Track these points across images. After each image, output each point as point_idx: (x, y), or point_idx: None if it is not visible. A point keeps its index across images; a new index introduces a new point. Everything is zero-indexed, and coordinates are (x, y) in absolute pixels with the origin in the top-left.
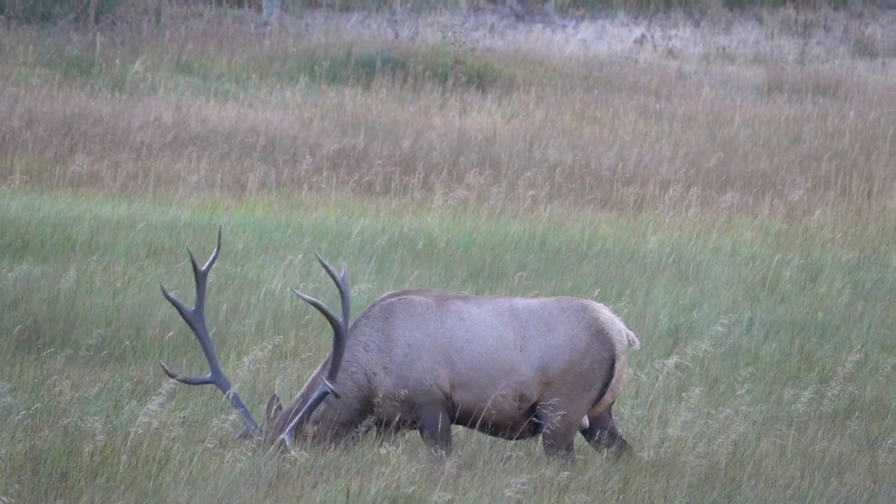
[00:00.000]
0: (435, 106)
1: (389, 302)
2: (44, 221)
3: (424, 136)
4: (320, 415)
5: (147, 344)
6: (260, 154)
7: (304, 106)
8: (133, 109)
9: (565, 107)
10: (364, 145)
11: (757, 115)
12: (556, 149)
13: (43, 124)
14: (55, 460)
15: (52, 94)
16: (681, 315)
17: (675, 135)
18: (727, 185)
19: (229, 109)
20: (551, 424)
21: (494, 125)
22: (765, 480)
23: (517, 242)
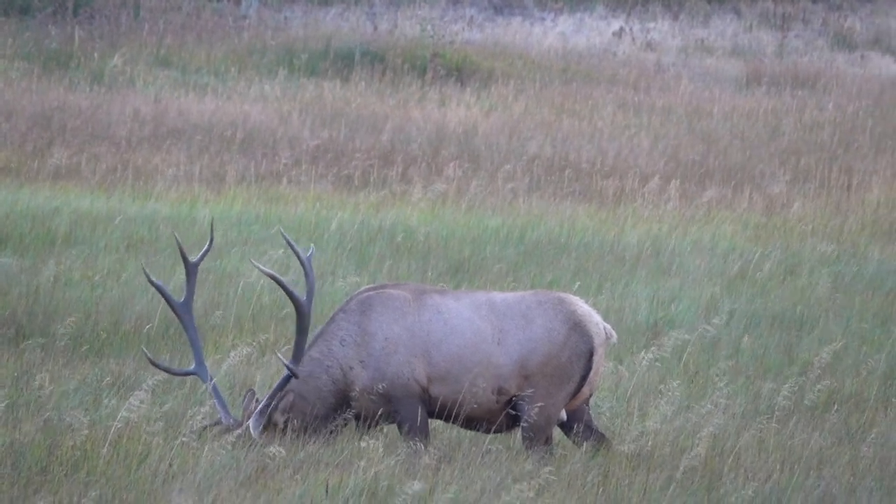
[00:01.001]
0: (414, 99)
1: (367, 296)
2: (23, 215)
3: (403, 130)
4: (290, 406)
5: (126, 337)
6: (239, 147)
7: (282, 99)
8: (112, 103)
9: (544, 99)
10: (343, 138)
11: (736, 108)
12: (535, 142)
13: (21, 117)
14: (35, 454)
15: (31, 87)
16: (660, 308)
17: (654, 128)
18: (706, 178)
19: (208, 102)
20: (529, 417)
21: (473, 118)
22: (744, 474)
23: (496, 235)
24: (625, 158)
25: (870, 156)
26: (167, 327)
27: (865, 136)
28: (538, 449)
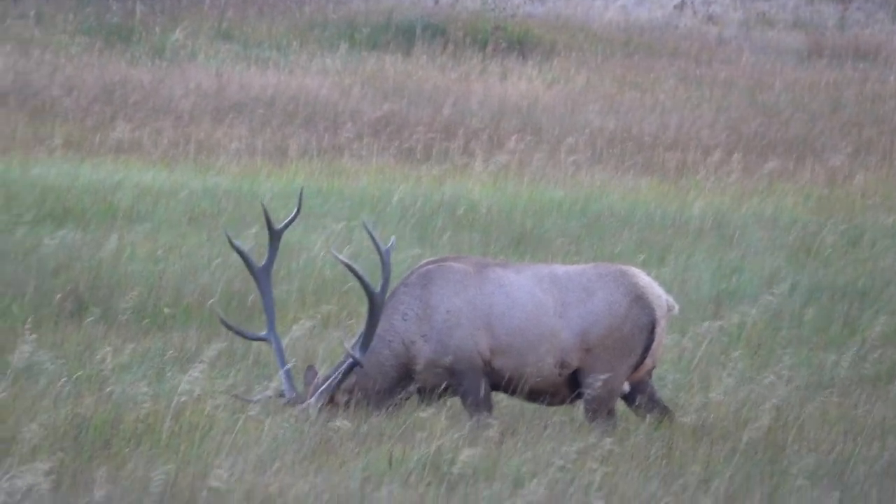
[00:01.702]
0: (475, 72)
1: (428, 269)
2: (85, 189)
3: (465, 103)
4: (352, 385)
5: (188, 311)
6: (301, 121)
7: (344, 73)
8: (173, 77)
9: (606, 72)
10: (405, 112)
11: (797, 81)
12: (597, 114)
13: (83, 92)
14: (98, 428)
15: (93, 62)
16: (723, 280)
17: (716, 100)
18: (768, 151)
19: (270, 76)
20: (592, 390)
21: (535, 91)
22: (807, 445)
23: (558, 208)
24: (686, 131)
25: None
26: (229, 301)
27: None
28: (601, 421)
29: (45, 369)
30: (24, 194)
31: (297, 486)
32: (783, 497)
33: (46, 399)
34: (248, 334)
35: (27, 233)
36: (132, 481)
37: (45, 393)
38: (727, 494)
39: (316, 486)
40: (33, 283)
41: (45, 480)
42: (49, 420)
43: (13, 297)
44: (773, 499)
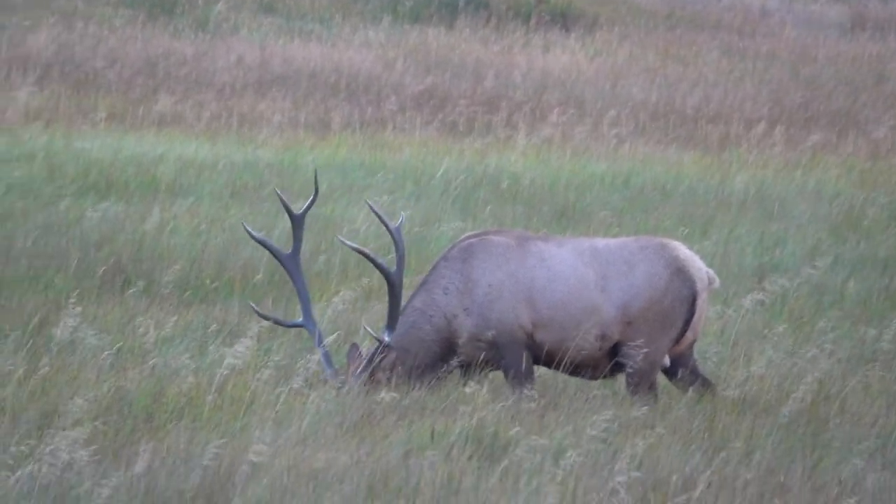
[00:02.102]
0: (518, 45)
1: (469, 243)
2: (128, 161)
3: (508, 76)
4: (392, 362)
5: (231, 284)
6: (344, 94)
7: (387, 45)
8: (216, 50)
9: (649, 45)
10: (448, 85)
11: (840, 54)
12: (639, 87)
13: (126, 65)
14: (140, 401)
15: (136, 34)
16: (765, 253)
17: (759, 73)
18: (811, 124)
19: (313, 49)
20: (634, 363)
21: (578, 64)
22: (850, 418)
23: (601, 181)
24: (729, 104)
25: None
26: (273, 273)
27: None
28: (642, 394)
29: (87, 342)
30: (67, 167)
31: (340, 460)
32: (825, 470)
33: (89, 372)
34: (284, 322)
35: (70, 205)
36: (174, 455)
37: (87, 366)
38: (769, 468)
39: (358, 460)
40: (76, 255)
41: (86, 453)
42: (92, 394)
43: (56, 269)
44: (815, 472)
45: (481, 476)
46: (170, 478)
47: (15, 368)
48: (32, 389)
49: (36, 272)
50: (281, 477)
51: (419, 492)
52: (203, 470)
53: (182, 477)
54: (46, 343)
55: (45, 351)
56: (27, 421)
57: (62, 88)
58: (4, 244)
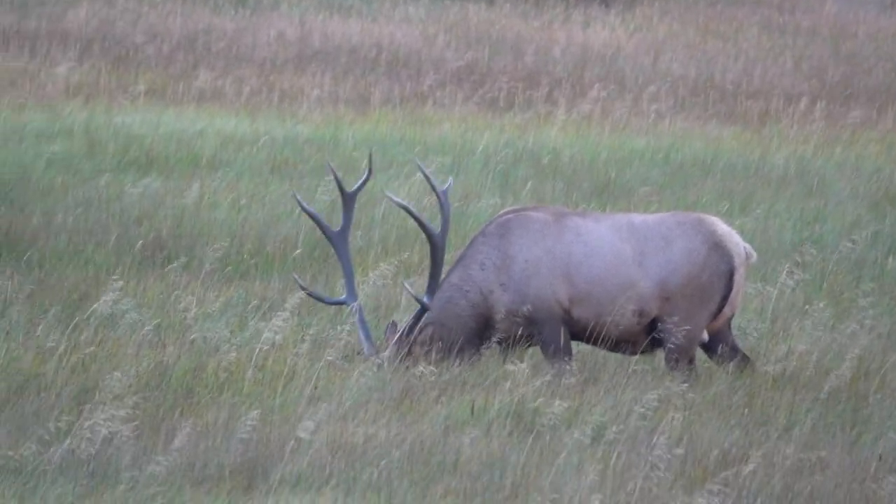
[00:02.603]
0: (558, 20)
1: (506, 219)
2: (167, 137)
3: (547, 51)
4: (430, 337)
5: (271, 260)
6: (384, 69)
7: (427, 21)
8: (256, 25)
9: (689, 21)
10: (487, 60)
11: (880, 30)
12: (679, 63)
13: (167, 40)
14: (181, 376)
15: (176, 10)
16: (805, 229)
17: (799, 49)
18: (851, 100)
19: (353, 25)
20: (672, 339)
21: (618, 39)
22: (890, 394)
23: (641, 157)
24: (769, 80)
25: None
26: (312, 249)
27: None
28: (682, 370)
29: (128, 317)
30: (107, 142)
31: (380, 435)
32: (865, 446)
33: (129, 347)
34: (326, 299)
35: (110, 181)
36: (214, 429)
37: (127, 341)
38: (809, 443)
39: (399, 435)
40: (116, 231)
41: (125, 428)
42: (132, 369)
43: (96, 244)
44: (854, 447)
45: (521, 452)
46: (210, 452)
47: (56, 343)
48: (73, 364)
49: (76, 248)
50: (321, 451)
51: (459, 467)
52: (243, 445)
53: (222, 451)
54: (87, 318)
55: (86, 326)
56: (68, 396)
57: (102, 64)
58: (45, 220)
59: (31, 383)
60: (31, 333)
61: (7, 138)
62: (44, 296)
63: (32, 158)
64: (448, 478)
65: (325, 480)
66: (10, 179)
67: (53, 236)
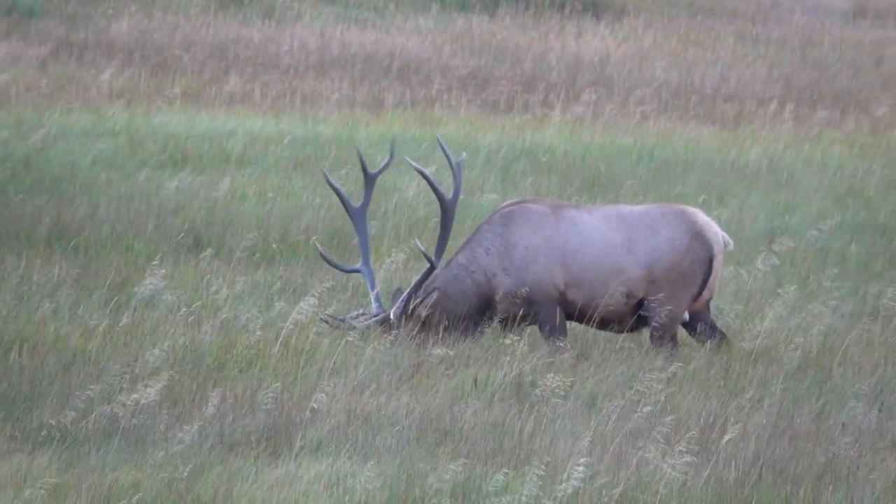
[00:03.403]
0: (553, 31)
1: (509, 210)
2: (201, 136)
3: (544, 59)
4: (434, 302)
5: (294, 247)
6: (396, 75)
7: (435, 32)
8: (281, 35)
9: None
10: (490, 67)
11: (844, 39)
12: (663, 69)
13: (200, 49)
14: (213, 352)
15: (209, 21)
16: (775, 219)
17: (770, 57)
18: (817, 102)
19: (368, 35)
20: (657, 318)
21: (607, 48)
22: (852, 368)
23: (628, 154)
24: (744, 84)
25: None
26: (332, 237)
27: None
28: (665, 346)
29: (165, 299)
30: (146, 141)
31: (392, 406)
32: (829, 414)
33: (167, 326)
34: (343, 268)
35: (149, 176)
36: (241, 400)
37: (165, 321)
38: (779, 412)
39: (408, 405)
40: (154, 221)
41: (160, 398)
42: (169, 345)
43: (136, 234)
44: (820, 416)
45: (519, 420)
46: (238, 421)
47: (99, 322)
48: (115, 341)
49: (118, 236)
50: (338, 420)
51: (463, 433)
52: (267, 414)
53: (249, 420)
54: (128, 300)
55: (127, 307)
56: (110, 370)
57: (142, 70)
58: (90, 211)
59: (77, 358)
60: (77, 313)
61: (56, 138)
62: (89, 280)
63: (79, 156)
64: (454, 443)
65: (344, 446)
66: (59, 175)
67: (98, 226)
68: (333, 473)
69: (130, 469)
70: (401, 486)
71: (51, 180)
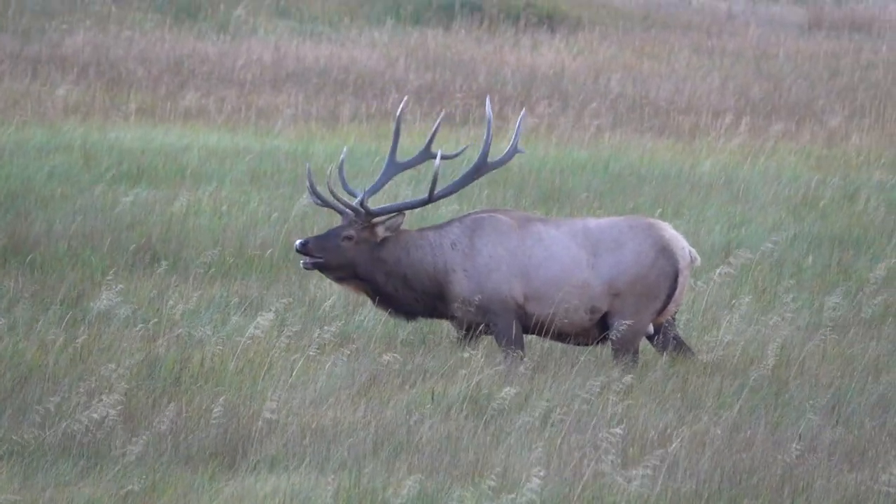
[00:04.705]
0: (508, 44)
1: (480, 217)
2: (157, 151)
3: (499, 72)
4: (396, 226)
5: (250, 262)
6: (351, 89)
7: (390, 45)
8: (236, 50)
9: (626, 44)
10: (445, 80)
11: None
12: (618, 82)
13: (155, 64)
14: (169, 367)
15: (164, 36)
16: (731, 231)
17: (726, 69)
18: (773, 114)
19: (323, 49)
20: (620, 332)
21: (562, 61)
22: (808, 380)
23: (583, 167)
24: (699, 97)
25: None
26: (288, 251)
27: None
28: (626, 359)
29: (121, 314)
30: (102, 156)
31: (347, 419)
32: (786, 427)
33: (124, 341)
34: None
35: (105, 191)
36: (197, 414)
37: (121, 336)
38: (736, 424)
39: (365, 418)
40: (110, 236)
41: (115, 413)
42: (126, 360)
43: (92, 249)
44: (777, 428)
45: (475, 433)
46: (193, 435)
47: (55, 337)
48: (71, 356)
49: (74, 251)
50: (294, 434)
51: (420, 447)
52: (223, 428)
53: (205, 434)
54: (84, 315)
55: (83, 322)
56: (66, 385)
57: (97, 85)
58: (46, 226)
59: (33, 373)
60: (33, 329)
61: (12, 153)
62: (45, 295)
63: (34, 171)
64: (410, 456)
65: (300, 460)
66: (15, 190)
67: (54, 241)
68: (290, 487)
69: (87, 484)
70: (357, 500)
71: (6, 196)
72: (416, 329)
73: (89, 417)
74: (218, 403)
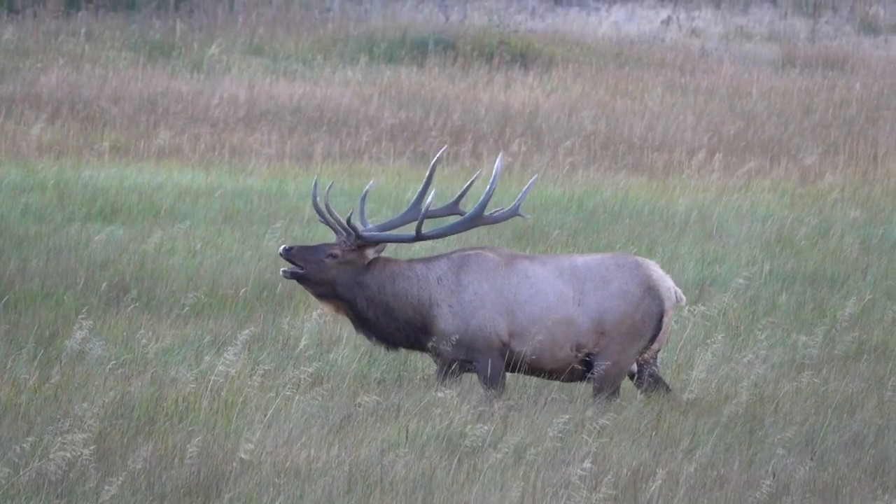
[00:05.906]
0: (482, 82)
1: (467, 254)
2: (131, 189)
3: (473, 110)
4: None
5: (224, 300)
6: (325, 127)
7: (364, 83)
8: (210, 88)
9: (600, 82)
10: (418, 119)
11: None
12: (591, 120)
13: (129, 102)
14: (143, 406)
15: (137, 75)
16: (705, 269)
17: (699, 106)
18: (746, 152)
19: (297, 87)
20: (603, 370)
21: (536, 99)
22: (783, 418)
23: (557, 204)
24: (672, 134)
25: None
26: (261, 290)
27: (889, 112)
28: (606, 398)
29: (94, 353)
30: (76, 194)
31: (321, 458)
32: (760, 464)
33: (96, 380)
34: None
35: (79, 229)
36: (170, 452)
37: (94, 374)
38: (710, 462)
39: (339, 457)
40: (84, 274)
41: (89, 452)
42: (99, 399)
43: (66, 287)
44: (751, 466)
45: (449, 471)
46: (166, 473)
47: (29, 377)
48: (45, 395)
49: (47, 290)
50: (268, 473)
51: (394, 486)
52: (197, 467)
53: (178, 473)
54: (57, 354)
55: (57, 361)
56: (40, 424)
57: (71, 124)
58: (19, 265)
59: (6, 413)
60: (6, 367)
61: None
62: (18, 334)
63: (8, 210)
64: (384, 496)
65: (274, 499)
66: None
67: (27, 280)
68: None
69: None
70: None
71: None
72: (390, 367)
73: (62, 457)
74: (192, 443)
